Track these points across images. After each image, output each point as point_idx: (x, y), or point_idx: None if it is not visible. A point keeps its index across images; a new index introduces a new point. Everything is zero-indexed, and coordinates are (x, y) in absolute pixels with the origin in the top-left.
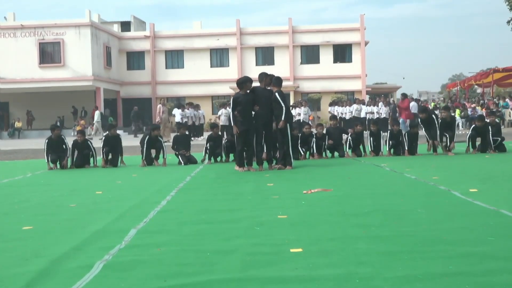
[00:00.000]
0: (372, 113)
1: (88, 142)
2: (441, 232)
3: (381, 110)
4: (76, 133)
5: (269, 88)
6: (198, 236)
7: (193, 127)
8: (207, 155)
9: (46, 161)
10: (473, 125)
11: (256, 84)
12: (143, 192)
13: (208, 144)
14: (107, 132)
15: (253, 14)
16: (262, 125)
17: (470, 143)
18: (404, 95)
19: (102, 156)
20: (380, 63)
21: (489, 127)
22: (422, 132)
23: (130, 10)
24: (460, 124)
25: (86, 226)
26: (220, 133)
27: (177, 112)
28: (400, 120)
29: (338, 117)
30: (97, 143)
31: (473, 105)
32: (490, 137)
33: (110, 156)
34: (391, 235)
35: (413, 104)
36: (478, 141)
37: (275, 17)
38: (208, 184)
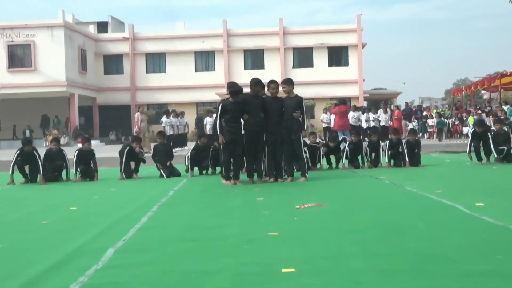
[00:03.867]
0: (373, 120)
1: (63, 152)
2: (445, 249)
3: (381, 118)
4: (50, 142)
5: (264, 95)
6: (183, 255)
7: (176, 137)
8: (188, 165)
9: (10, 172)
10: (473, 130)
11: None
12: (122, 208)
13: (190, 154)
14: (80, 146)
15: (242, 17)
16: (253, 135)
17: (475, 154)
18: (341, 101)
19: (75, 172)
20: (378, 67)
21: (488, 133)
22: (425, 141)
23: (107, 10)
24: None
25: (60, 245)
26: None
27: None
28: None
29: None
30: (70, 154)
31: (479, 112)
32: (491, 144)
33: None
34: (390, 252)
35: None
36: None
37: (265, 19)
38: (193, 198)
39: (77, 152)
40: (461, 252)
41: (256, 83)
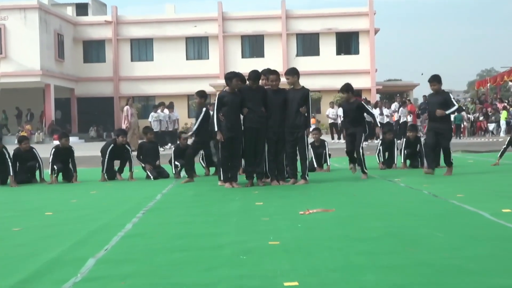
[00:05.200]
0: (387, 115)
1: (34, 151)
2: (465, 260)
3: (400, 112)
4: (18, 141)
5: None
6: (172, 266)
7: (167, 134)
8: (177, 170)
9: None
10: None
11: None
12: (104, 213)
13: (175, 160)
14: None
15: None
16: (253, 132)
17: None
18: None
19: (51, 172)
20: (393, 56)
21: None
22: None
23: None
24: (503, 129)
25: (35, 255)
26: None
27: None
28: None
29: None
30: (45, 152)
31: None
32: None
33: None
34: (404, 264)
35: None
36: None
37: (265, 1)
38: (184, 203)
39: (53, 150)
40: (484, 264)
41: (251, 77)
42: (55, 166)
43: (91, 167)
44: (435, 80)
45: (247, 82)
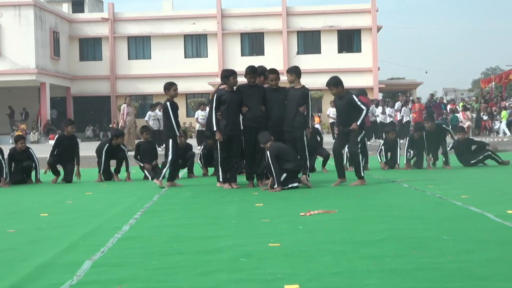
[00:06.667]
0: (389, 115)
1: (30, 150)
2: (472, 264)
3: (403, 112)
4: (14, 140)
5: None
6: (169, 270)
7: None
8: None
9: None
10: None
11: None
12: (100, 215)
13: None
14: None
15: None
16: (252, 132)
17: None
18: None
19: (48, 166)
20: (396, 53)
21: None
22: (450, 139)
23: None
24: (507, 130)
25: (29, 257)
26: (198, 141)
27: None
28: None
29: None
30: (41, 152)
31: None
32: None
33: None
34: (409, 268)
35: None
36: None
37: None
38: (181, 204)
39: (56, 138)
40: (492, 268)
41: (247, 72)
42: (54, 159)
43: (86, 167)
44: (331, 84)
45: (245, 77)
